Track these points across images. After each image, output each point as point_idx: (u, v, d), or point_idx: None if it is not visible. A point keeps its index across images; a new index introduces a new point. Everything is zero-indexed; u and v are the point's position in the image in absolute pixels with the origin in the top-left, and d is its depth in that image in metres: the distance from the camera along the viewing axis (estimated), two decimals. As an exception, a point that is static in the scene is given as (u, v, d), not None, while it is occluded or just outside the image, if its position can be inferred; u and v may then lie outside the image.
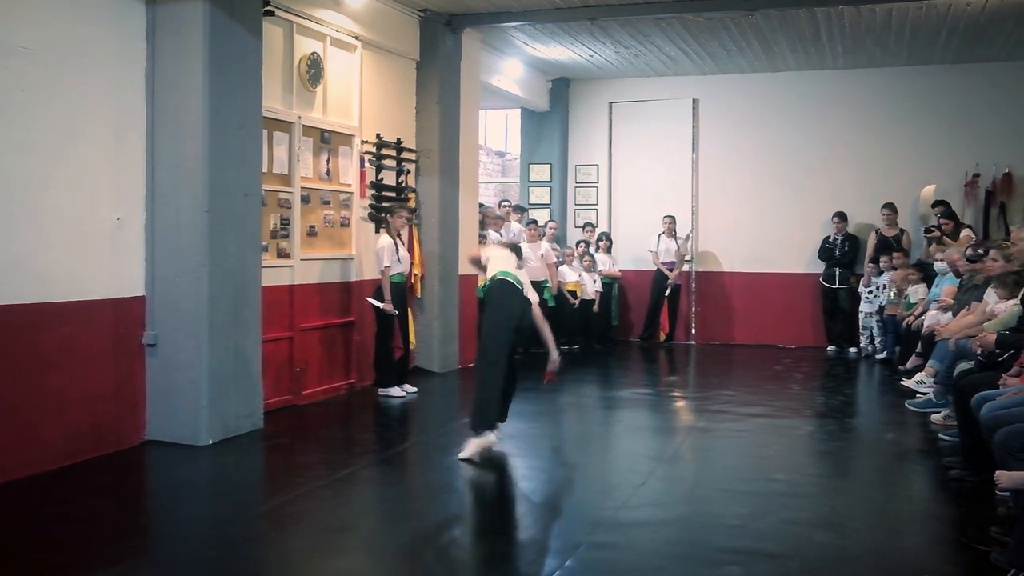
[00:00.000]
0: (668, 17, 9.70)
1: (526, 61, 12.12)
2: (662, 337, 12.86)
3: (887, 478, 6.22)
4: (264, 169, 7.25)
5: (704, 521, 5.06)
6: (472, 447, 6.18)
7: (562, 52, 11.64)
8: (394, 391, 8.43)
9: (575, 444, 7.29)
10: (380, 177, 9.14)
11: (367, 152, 8.94)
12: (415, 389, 8.62)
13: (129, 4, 6.37)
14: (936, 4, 9.21)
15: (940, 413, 7.30)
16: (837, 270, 12.04)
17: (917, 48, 11.11)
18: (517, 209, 12.45)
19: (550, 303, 11.32)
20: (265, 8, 7.14)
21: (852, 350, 11.89)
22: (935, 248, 10.18)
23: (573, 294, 12.02)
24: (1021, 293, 6.38)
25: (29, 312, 5.66)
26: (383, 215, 8.73)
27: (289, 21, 7.78)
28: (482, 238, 10.55)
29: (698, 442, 7.11)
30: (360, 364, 8.74)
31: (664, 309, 12.81)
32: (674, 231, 12.83)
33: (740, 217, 12.93)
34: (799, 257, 12.62)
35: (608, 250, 12.93)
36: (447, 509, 5.39)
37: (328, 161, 8.38)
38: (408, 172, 9.57)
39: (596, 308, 12.29)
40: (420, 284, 9.59)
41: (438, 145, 9.74)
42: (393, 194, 9.26)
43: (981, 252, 7.95)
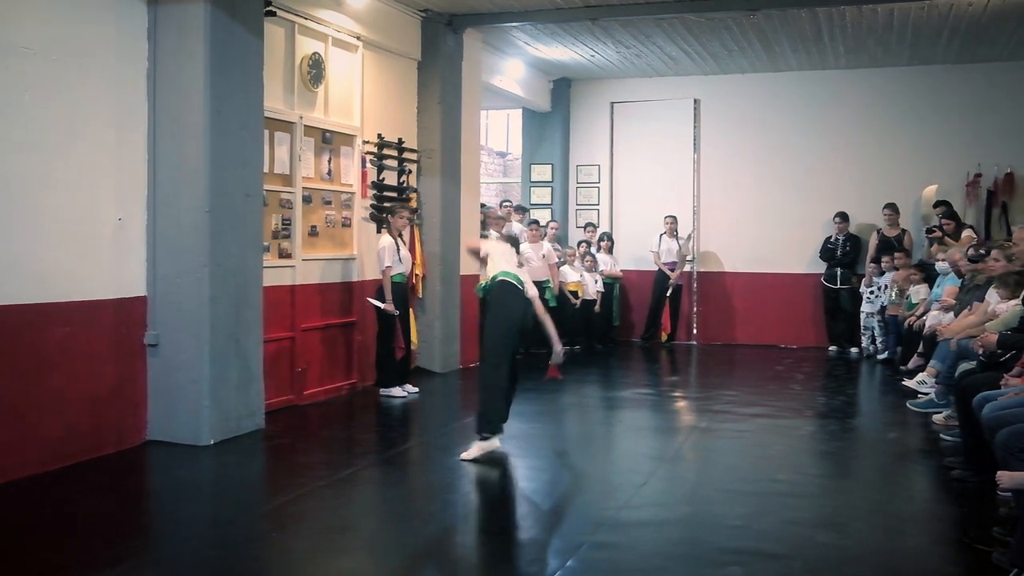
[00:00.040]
0: (669, 17, 9.69)
1: (527, 61, 12.12)
2: (663, 337, 12.86)
3: (889, 478, 6.22)
4: (265, 169, 7.26)
5: (706, 521, 5.06)
6: (476, 450, 6.19)
7: (563, 52, 11.64)
8: (395, 391, 8.43)
9: (577, 444, 7.28)
10: (381, 177, 9.15)
11: (368, 152, 8.95)
12: (416, 389, 8.62)
13: (130, 4, 6.37)
14: (938, 4, 9.20)
15: (942, 413, 7.29)
16: (839, 270, 12.04)
17: (919, 48, 11.10)
18: (518, 209, 12.46)
19: (551, 303, 11.29)
20: (266, 8, 7.15)
21: (853, 350, 11.89)
22: (937, 248, 10.17)
23: (575, 294, 12.02)
24: (1023, 293, 6.38)
25: (30, 312, 5.66)
26: (384, 215, 8.73)
27: (290, 21, 7.78)
28: (483, 238, 10.54)
29: (700, 442, 7.11)
30: (361, 364, 8.74)
31: (665, 309, 12.81)
32: (675, 231, 12.83)
33: (742, 217, 12.92)
34: (801, 257, 12.61)
35: (609, 250, 12.92)
36: (449, 509, 5.39)
37: (329, 161, 8.38)
38: (409, 172, 9.58)
39: (597, 308, 12.29)
40: (422, 284, 9.60)
41: (439, 145, 9.74)
42: (394, 194, 9.27)
43: (983, 252, 7.95)
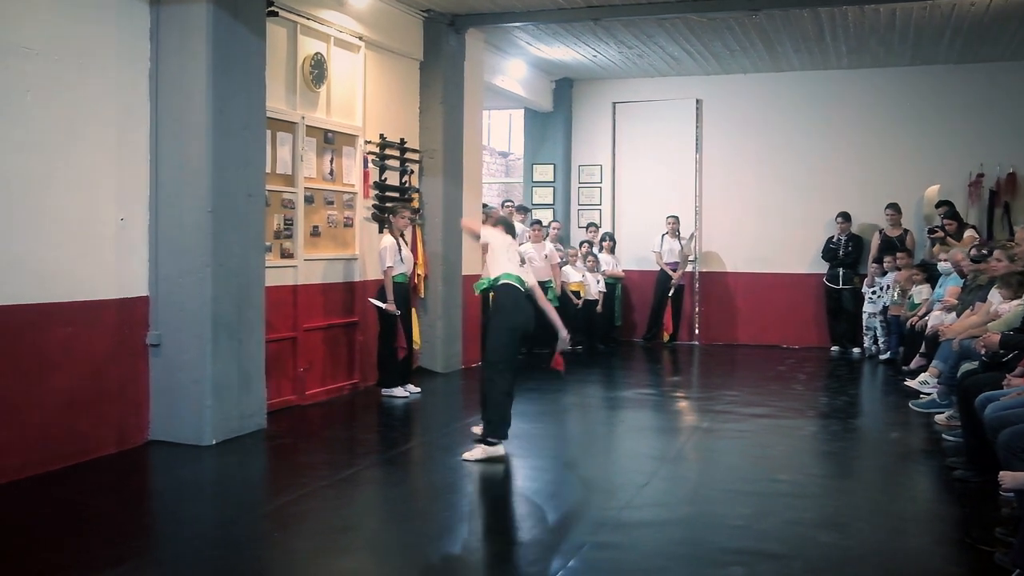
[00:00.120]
0: (671, 17, 9.69)
1: (529, 61, 12.12)
2: (665, 337, 12.86)
3: (891, 478, 6.21)
4: (268, 169, 7.26)
5: (708, 521, 5.06)
6: (479, 452, 6.19)
7: (565, 52, 11.64)
8: (397, 391, 8.43)
9: (579, 444, 7.29)
10: (383, 177, 9.15)
11: (370, 152, 8.95)
12: (418, 389, 8.62)
13: (132, 4, 6.37)
14: (940, 4, 9.19)
15: (944, 413, 7.29)
16: (841, 270, 12.03)
17: (921, 48, 11.09)
18: (520, 209, 12.46)
19: (554, 304, 11.27)
20: (269, 8, 7.15)
21: (856, 350, 11.88)
22: (939, 248, 10.17)
23: (577, 294, 12.01)
24: (1025, 293, 6.38)
25: (32, 312, 5.66)
26: (386, 215, 8.74)
27: (293, 21, 7.78)
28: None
29: (702, 442, 7.11)
30: (363, 364, 8.74)
31: (667, 309, 12.81)
32: (678, 231, 12.82)
33: (744, 217, 12.91)
34: (803, 257, 12.61)
35: (612, 250, 12.92)
36: (451, 509, 5.39)
37: (332, 161, 8.39)
38: (411, 172, 9.58)
39: (599, 308, 12.27)
40: (423, 284, 9.60)
41: (441, 145, 9.74)
42: (396, 194, 9.27)
43: (985, 252, 7.94)
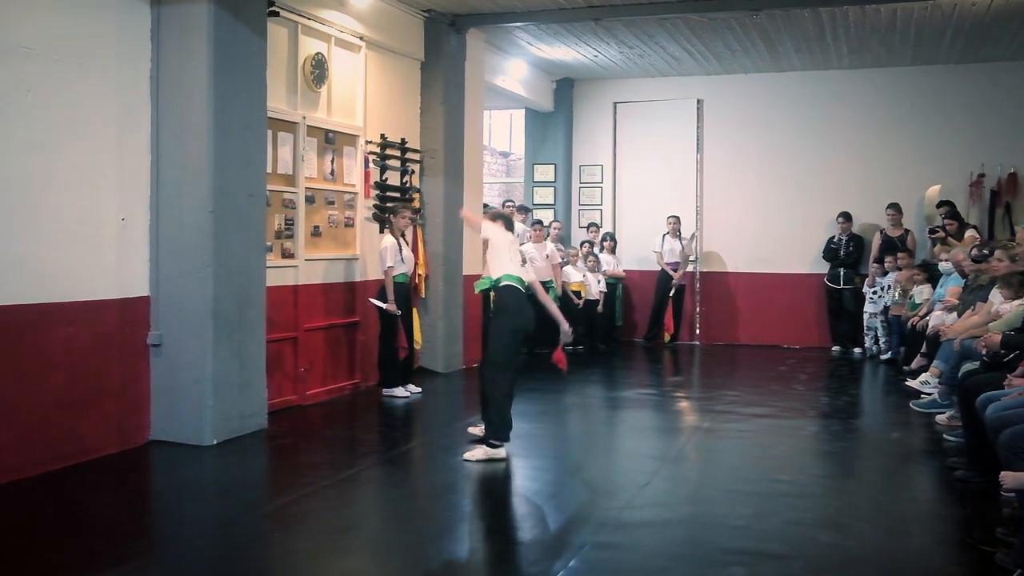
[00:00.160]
0: (672, 17, 9.69)
1: (530, 61, 12.12)
2: (666, 337, 12.86)
3: (892, 479, 6.21)
4: (268, 169, 7.26)
5: (708, 521, 5.06)
6: (480, 452, 6.19)
7: (566, 52, 11.64)
8: (398, 391, 8.43)
9: (580, 444, 7.29)
10: (384, 177, 9.15)
11: (371, 152, 8.95)
12: (419, 389, 8.62)
13: (133, 4, 6.38)
14: (941, 4, 9.19)
15: (945, 414, 7.28)
16: (841, 270, 12.02)
17: (922, 48, 11.09)
18: (521, 209, 12.45)
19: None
20: (270, 9, 7.15)
21: (856, 350, 11.87)
22: (940, 248, 10.16)
23: (577, 294, 12.01)
24: (1026, 293, 6.38)
25: (33, 312, 5.66)
26: (387, 215, 8.74)
27: (293, 22, 7.78)
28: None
29: (702, 442, 7.10)
30: (364, 364, 8.74)
31: (668, 309, 12.80)
32: (678, 231, 12.82)
33: (744, 217, 12.91)
34: (803, 257, 12.60)
35: (612, 250, 12.91)
36: (451, 509, 5.39)
37: (332, 161, 8.39)
38: (412, 172, 9.58)
39: (600, 308, 12.27)
40: (424, 284, 9.60)
41: (442, 145, 9.74)
42: (397, 194, 9.27)
43: (986, 252, 7.93)
